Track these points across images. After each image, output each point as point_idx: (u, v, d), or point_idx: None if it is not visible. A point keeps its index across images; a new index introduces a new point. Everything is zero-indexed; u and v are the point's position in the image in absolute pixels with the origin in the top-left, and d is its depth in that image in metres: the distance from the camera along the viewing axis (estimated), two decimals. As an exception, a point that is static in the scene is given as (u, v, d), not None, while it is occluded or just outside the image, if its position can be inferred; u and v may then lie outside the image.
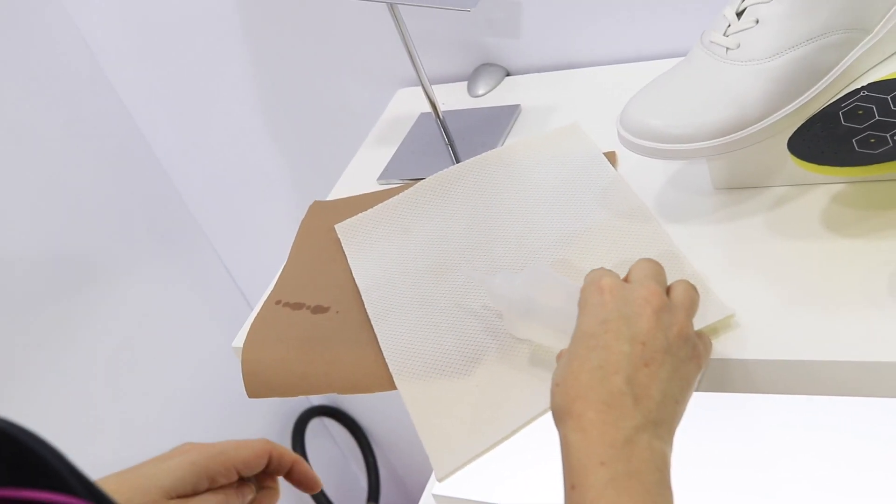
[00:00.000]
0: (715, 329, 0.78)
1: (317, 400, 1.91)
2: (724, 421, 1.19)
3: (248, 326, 0.98)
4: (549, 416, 0.71)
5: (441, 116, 1.14)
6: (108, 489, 0.61)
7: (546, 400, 0.71)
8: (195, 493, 0.77)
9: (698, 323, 0.78)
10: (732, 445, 1.18)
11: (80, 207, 1.50)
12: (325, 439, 1.96)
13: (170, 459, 0.77)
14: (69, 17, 1.47)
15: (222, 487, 0.80)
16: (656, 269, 0.75)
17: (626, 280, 0.74)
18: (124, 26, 1.46)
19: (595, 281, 0.73)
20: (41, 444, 0.45)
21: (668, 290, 0.74)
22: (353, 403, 1.89)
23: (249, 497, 0.82)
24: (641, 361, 0.68)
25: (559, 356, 0.74)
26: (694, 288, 0.74)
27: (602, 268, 0.75)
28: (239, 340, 0.98)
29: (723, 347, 0.77)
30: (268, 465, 0.82)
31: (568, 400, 0.68)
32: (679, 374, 0.69)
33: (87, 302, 1.51)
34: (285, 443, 1.83)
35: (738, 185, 0.91)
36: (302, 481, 0.84)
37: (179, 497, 0.76)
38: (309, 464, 0.84)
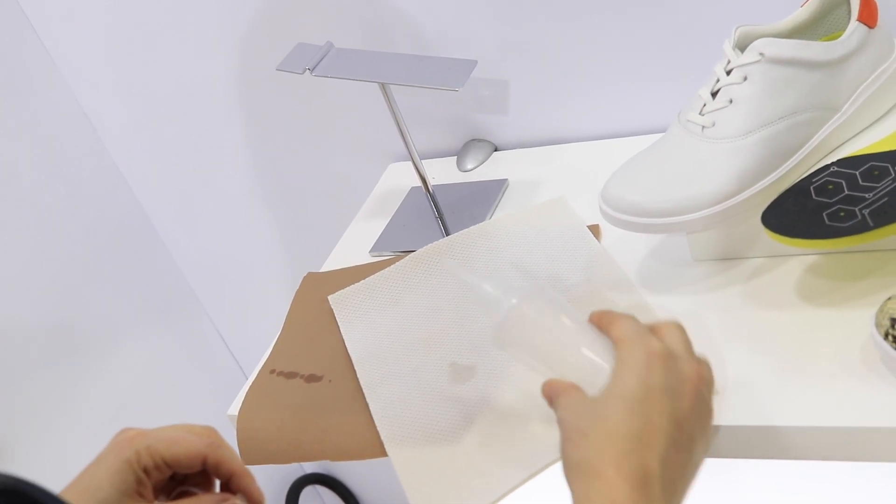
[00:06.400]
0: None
1: (310, 467, 1.92)
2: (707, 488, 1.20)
3: (243, 395, 1.01)
4: (534, 480, 0.73)
5: (431, 191, 1.18)
6: None
7: (532, 463, 0.73)
8: (143, 489, 0.74)
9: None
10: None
11: (76, 275, 1.53)
12: (319, 508, 1.96)
13: (103, 462, 0.74)
14: (70, 91, 1.51)
15: (194, 496, 0.77)
16: (688, 341, 0.73)
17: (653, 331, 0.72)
18: (124, 100, 1.50)
19: (643, 340, 0.70)
20: (46, 495, 0.47)
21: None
22: (346, 471, 1.90)
23: None
24: (675, 445, 0.66)
25: (549, 390, 0.72)
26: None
27: (635, 320, 0.72)
28: (234, 409, 1.00)
29: (701, 414, 0.80)
30: (204, 467, 0.78)
31: (598, 459, 0.65)
32: (694, 463, 0.69)
33: (81, 370, 1.52)
34: (278, 511, 1.84)
35: (717, 257, 0.94)
36: (245, 495, 0.80)
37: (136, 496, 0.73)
38: None
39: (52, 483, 0.74)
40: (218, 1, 1.32)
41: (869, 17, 0.92)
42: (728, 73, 0.90)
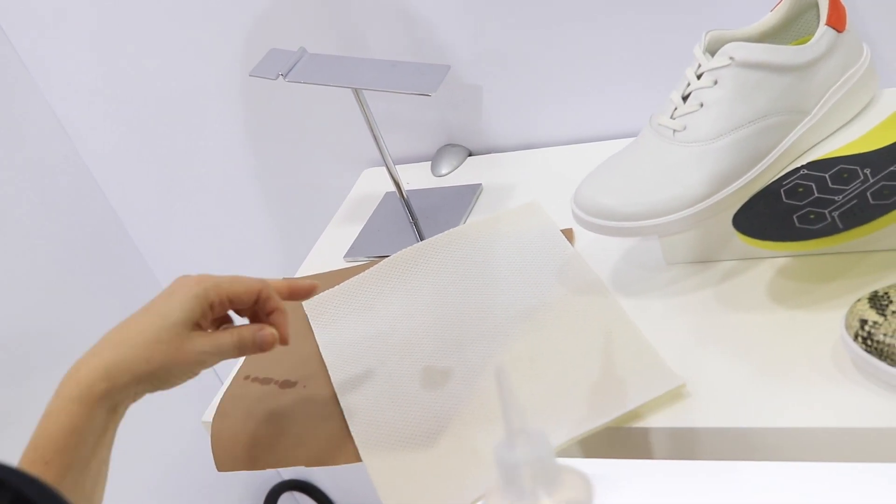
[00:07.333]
0: (666, 398, 0.81)
1: (287, 474, 1.91)
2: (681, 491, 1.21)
3: (218, 401, 1.01)
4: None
5: (405, 196, 1.18)
6: (134, 330, 0.80)
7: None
8: (203, 321, 0.82)
9: (650, 393, 0.81)
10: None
11: (53, 285, 1.52)
12: (296, 514, 1.96)
13: (175, 295, 0.83)
14: (45, 99, 1.50)
15: (233, 327, 0.85)
16: None
17: None
18: (98, 107, 1.50)
19: None
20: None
21: None
22: (323, 477, 1.89)
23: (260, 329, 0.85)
24: None
25: None
26: None
27: None
28: (209, 415, 1.00)
29: (674, 416, 0.80)
30: (255, 303, 0.86)
31: None
32: None
33: (57, 378, 1.51)
34: (256, 519, 1.84)
35: (689, 260, 0.95)
36: (277, 330, 0.86)
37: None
38: None
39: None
40: (191, 7, 1.32)
41: (837, 21, 0.93)
42: (699, 76, 0.90)
